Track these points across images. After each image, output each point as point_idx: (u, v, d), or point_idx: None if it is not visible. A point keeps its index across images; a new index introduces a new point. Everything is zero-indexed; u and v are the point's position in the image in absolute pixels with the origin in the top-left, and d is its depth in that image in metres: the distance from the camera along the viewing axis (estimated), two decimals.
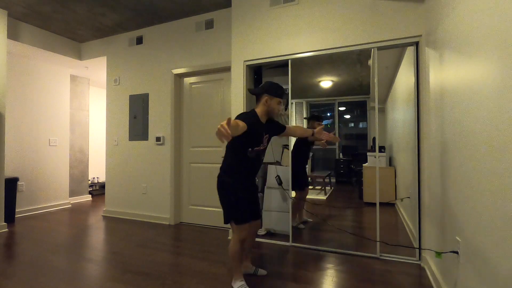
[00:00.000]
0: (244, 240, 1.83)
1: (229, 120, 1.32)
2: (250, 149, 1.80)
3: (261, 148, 1.89)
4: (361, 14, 2.42)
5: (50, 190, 4.30)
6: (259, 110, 1.87)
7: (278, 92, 1.86)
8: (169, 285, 1.91)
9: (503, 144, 0.98)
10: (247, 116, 1.77)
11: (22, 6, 3.19)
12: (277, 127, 2.04)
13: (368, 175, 2.65)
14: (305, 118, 3.06)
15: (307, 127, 2.92)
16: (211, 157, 3.39)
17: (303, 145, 2.87)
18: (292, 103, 2.82)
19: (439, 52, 1.79)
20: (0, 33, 3.14)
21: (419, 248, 2.25)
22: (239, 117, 1.76)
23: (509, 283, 0.95)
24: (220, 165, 1.93)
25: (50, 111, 4.33)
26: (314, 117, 3.00)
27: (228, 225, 3.29)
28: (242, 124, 1.60)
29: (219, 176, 1.85)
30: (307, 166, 3.05)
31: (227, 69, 3.25)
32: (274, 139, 3.51)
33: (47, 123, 4.28)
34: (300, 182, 2.84)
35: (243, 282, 1.83)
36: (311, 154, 3.06)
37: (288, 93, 2.77)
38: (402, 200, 2.54)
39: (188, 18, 3.47)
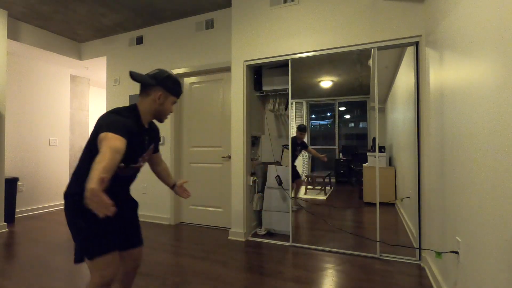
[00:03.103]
0: (109, 284, 1.20)
1: (101, 179, 0.89)
2: (122, 164, 1.23)
3: (141, 164, 1.37)
4: (361, 14, 2.42)
5: (50, 190, 4.30)
6: (144, 107, 1.30)
7: (177, 88, 1.34)
8: (169, 285, 1.91)
9: (503, 144, 0.98)
10: (123, 122, 1.16)
11: (22, 6, 3.19)
12: (158, 141, 1.50)
13: (368, 175, 2.65)
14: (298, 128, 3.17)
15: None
16: (211, 157, 3.39)
17: (292, 144, 2.86)
18: (292, 103, 2.82)
19: (439, 52, 1.79)
20: (0, 33, 3.14)
21: (419, 248, 2.25)
22: (111, 124, 1.11)
23: (509, 283, 0.95)
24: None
25: (50, 111, 4.33)
26: (298, 128, 3.07)
27: (228, 225, 3.31)
28: (120, 146, 1.05)
29: (65, 195, 1.22)
30: (305, 164, 3.05)
31: (227, 69, 3.25)
32: (274, 139, 3.54)
33: (47, 123, 4.28)
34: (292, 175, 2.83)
35: None
36: (305, 153, 3.05)
37: (289, 93, 2.77)
38: (402, 200, 2.54)
39: (188, 18, 3.47)
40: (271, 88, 3.14)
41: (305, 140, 3.10)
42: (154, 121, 1.44)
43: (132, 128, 1.21)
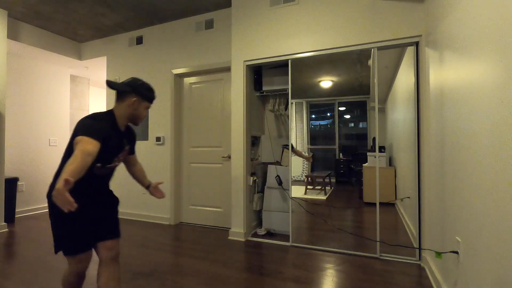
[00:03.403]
0: (82, 273, 1.39)
1: (66, 181, 0.97)
2: (99, 164, 1.33)
3: (116, 164, 1.46)
4: (361, 14, 2.42)
5: None
6: (119, 112, 1.41)
7: (150, 95, 1.46)
8: (169, 285, 1.91)
9: (503, 143, 0.98)
10: (99, 126, 1.28)
11: (22, 6, 3.19)
12: (133, 143, 1.61)
13: (368, 175, 2.65)
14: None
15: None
16: (211, 157, 3.39)
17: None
18: (292, 103, 2.82)
19: (439, 52, 1.79)
20: (0, 33, 3.14)
21: (419, 248, 2.25)
22: (87, 128, 1.24)
23: (509, 283, 0.95)
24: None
25: (50, 111, 4.33)
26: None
27: (228, 225, 3.31)
28: (92, 150, 1.16)
29: (47, 195, 1.34)
30: (305, 164, 3.05)
31: (227, 69, 3.25)
32: (274, 139, 3.54)
33: (47, 123, 4.28)
34: None
35: None
36: (310, 154, 3.06)
37: (289, 93, 2.77)
38: (402, 200, 2.54)
39: (188, 18, 3.47)
40: (271, 88, 3.14)
41: (305, 140, 3.09)
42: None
43: (108, 132, 1.33)
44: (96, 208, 1.41)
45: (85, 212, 1.33)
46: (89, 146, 1.17)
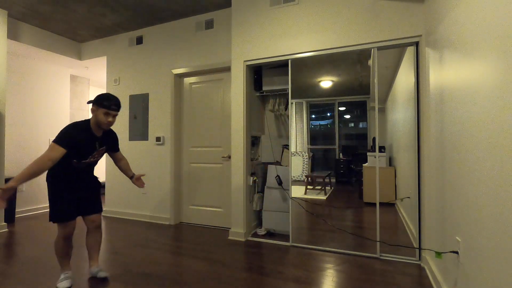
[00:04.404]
0: (68, 237, 1.87)
1: (4, 190, 1.49)
2: (75, 160, 1.80)
3: (91, 160, 1.89)
4: (361, 14, 2.42)
5: None
6: (92, 120, 1.84)
7: (104, 103, 1.78)
8: (169, 285, 1.91)
9: (503, 143, 0.98)
10: (70, 135, 1.71)
11: (22, 6, 3.19)
12: (114, 143, 2.05)
13: (368, 175, 2.65)
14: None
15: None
16: (211, 157, 3.39)
17: None
18: (292, 103, 2.82)
19: (439, 52, 1.79)
20: (0, 33, 3.14)
21: (419, 248, 2.25)
22: (60, 136, 1.69)
23: (509, 283, 0.95)
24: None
25: (50, 111, 4.33)
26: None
27: (228, 225, 3.31)
28: (54, 156, 1.62)
29: (47, 176, 1.86)
30: (305, 164, 3.05)
31: (227, 69, 3.25)
32: (274, 139, 3.54)
33: (47, 123, 4.28)
34: None
35: (67, 274, 1.91)
36: (305, 153, 3.06)
37: (289, 93, 2.77)
38: (402, 200, 2.54)
39: (188, 18, 3.47)
40: (271, 88, 3.14)
41: (305, 140, 3.09)
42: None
43: (79, 138, 1.76)
44: (79, 189, 1.91)
45: (70, 191, 1.86)
46: (52, 152, 1.64)
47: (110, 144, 2.01)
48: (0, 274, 2.08)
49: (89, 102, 1.89)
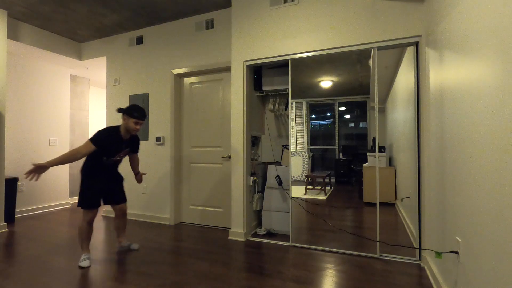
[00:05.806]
0: (91, 222, 2.23)
1: (40, 166, 1.87)
2: (105, 158, 2.23)
3: (117, 158, 2.33)
4: (361, 14, 2.42)
5: (50, 190, 4.30)
6: (122, 126, 2.27)
7: (134, 114, 2.20)
8: (169, 285, 1.91)
9: (503, 143, 0.98)
10: (102, 137, 2.16)
11: (22, 6, 3.19)
12: (136, 146, 2.50)
13: (368, 175, 2.65)
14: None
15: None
16: (211, 157, 3.39)
17: None
18: (292, 103, 2.82)
19: (439, 52, 1.79)
20: (0, 33, 3.14)
21: (419, 248, 2.25)
22: (94, 135, 2.15)
23: (509, 283, 0.95)
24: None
25: (50, 111, 4.33)
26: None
27: (228, 225, 3.31)
28: (84, 151, 2.05)
29: (81, 168, 2.26)
30: (305, 164, 3.05)
31: (227, 69, 3.25)
32: (274, 139, 3.54)
33: (47, 123, 4.28)
34: None
35: (87, 256, 2.24)
36: (305, 153, 3.06)
37: (289, 93, 2.77)
38: (402, 200, 2.54)
39: (188, 18, 3.47)
40: (271, 88, 3.14)
41: (305, 140, 3.09)
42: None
43: (109, 141, 2.20)
44: (106, 181, 2.33)
45: (99, 183, 2.26)
46: (84, 147, 2.07)
47: (134, 146, 2.46)
48: (0, 274, 2.08)
49: (119, 111, 2.23)
